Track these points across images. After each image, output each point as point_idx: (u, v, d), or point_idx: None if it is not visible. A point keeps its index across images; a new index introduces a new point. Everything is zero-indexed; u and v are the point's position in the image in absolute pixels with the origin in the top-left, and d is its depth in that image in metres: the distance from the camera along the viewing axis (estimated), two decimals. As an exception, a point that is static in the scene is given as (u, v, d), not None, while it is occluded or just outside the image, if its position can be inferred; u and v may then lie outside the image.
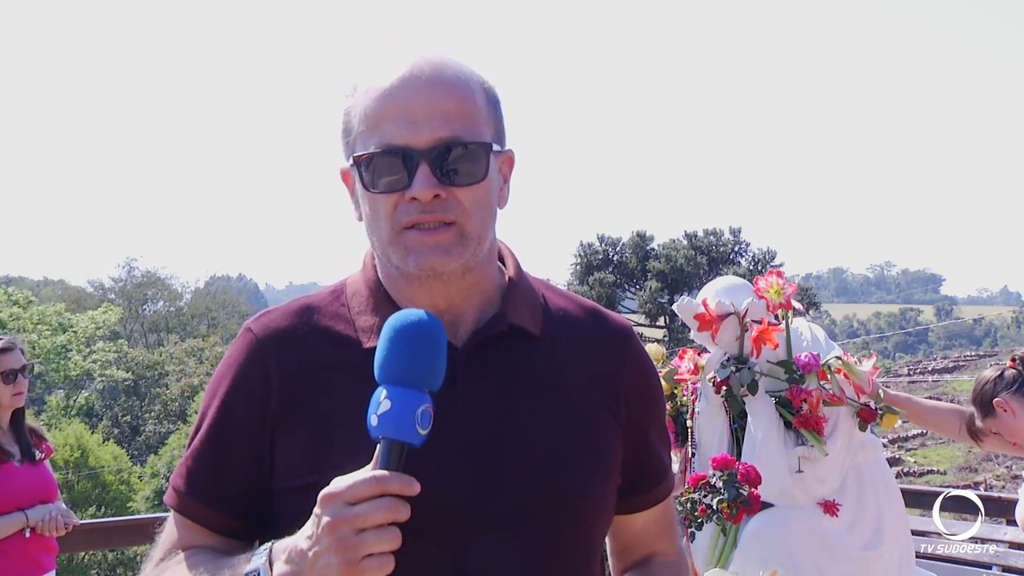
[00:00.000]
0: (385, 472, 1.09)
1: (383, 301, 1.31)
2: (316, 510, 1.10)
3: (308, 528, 1.11)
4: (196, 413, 1.38)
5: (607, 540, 1.50)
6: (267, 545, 1.17)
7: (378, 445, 1.11)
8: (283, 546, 1.14)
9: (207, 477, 1.31)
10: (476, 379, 1.26)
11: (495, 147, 1.28)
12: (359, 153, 1.25)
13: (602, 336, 1.39)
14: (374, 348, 1.18)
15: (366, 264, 1.37)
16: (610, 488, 1.34)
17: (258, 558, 1.16)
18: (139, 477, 32.59)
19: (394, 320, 1.16)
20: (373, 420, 1.12)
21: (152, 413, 39.10)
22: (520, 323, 1.32)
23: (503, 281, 1.37)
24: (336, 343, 1.30)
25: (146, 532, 1.40)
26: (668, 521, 1.51)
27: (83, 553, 22.66)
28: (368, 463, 1.12)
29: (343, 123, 1.30)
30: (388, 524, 1.08)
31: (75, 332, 35.89)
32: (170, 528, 1.35)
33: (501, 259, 1.40)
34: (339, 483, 1.09)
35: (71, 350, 35.70)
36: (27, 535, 3.76)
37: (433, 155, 1.21)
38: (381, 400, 1.12)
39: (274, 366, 1.29)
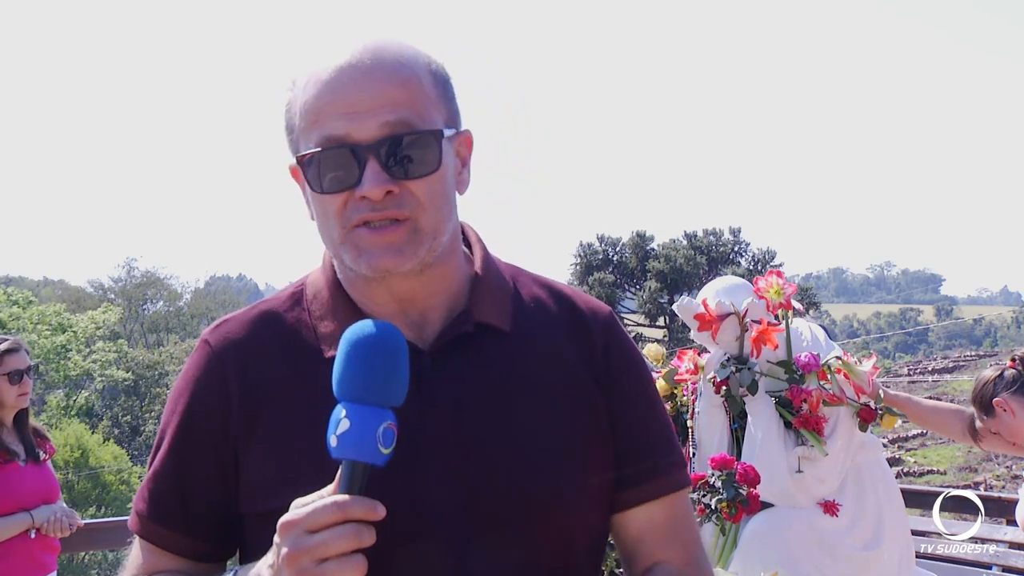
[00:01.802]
0: (346, 497, 1.02)
1: (343, 304, 1.24)
2: (276, 538, 1.04)
3: (270, 556, 1.06)
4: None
5: (616, 548, 1.44)
6: (230, 572, 1.13)
7: (340, 467, 1.05)
8: (246, 574, 1.10)
9: (170, 500, 1.25)
10: (444, 382, 1.20)
11: (447, 132, 1.19)
12: (302, 153, 1.17)
13: (578, 324, 1.30)
14: (334, 358, 1.11)
15: (325, 263, 1.29)
16: (594, 483, 1.25)
17: None
18: (139, 477, 32.54)
19: (350, 334, 1.09)
20: (333, 441, 1.05)
21: (152, 413, 39.09)
22: (487, 320, 1.24)
23: (471, 271, 1.29)
24: (297, 353, 1.23)
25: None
26: (673, 525, 1.33)
27: (83, 553, 22.69)
28: (329, 483, 1.06)
29: (285, 119, 1.22)
30: (351, 552, 1.01)
31: (75, 332, 35.87)
32: (135, 553, 1.29)
33: (467, 244, 1.32)
34: (298, 510, 1.03)
35: (71, 350, 35.68)
36: (32, 536, 3.77)
37: (381, 148, 1.13)
38: (340, 419, 1.05)
39: (234, 380, 1.22)
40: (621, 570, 1.50)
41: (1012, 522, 4.72)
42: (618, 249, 38.00)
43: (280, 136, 1.27)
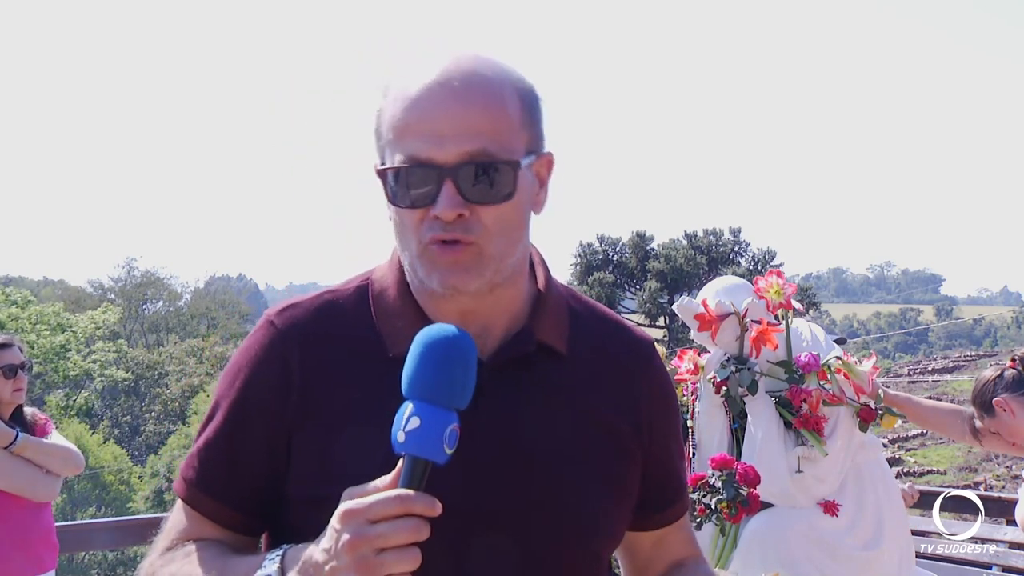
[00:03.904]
0: (410, 492, 1.06)
1: (410, 307, 1.28)
2: (335, 524, 1.06)
3: (326, 542, 1.07)
4: (196, 413, 1.35)
5: (621, 560, 1.49)
6: (278, 551, 1.15)
7: (401, 461, 1.08)
8: (296, 556, 1.11)
9: (219, 471, 1.28)
10: (500, 396, 1.24)
11: (526, 160, 1.23)
12: (384, 167, 1.22)
13: (626, 356, 1.37)
14: (397, 356, 1.15)
15: (394, 260, 1.32)
16: (624, 511, 1.33)
17: (270, 563, 1.13)
18: (139, 477, 32.60)
19: (426, 335, 1.12)
20: (400, 436, 1.08)
21: (152, 413, 39.14)
22: (548, 341, 1.29)
23: (533, 291, 1.33)
24: (360, 348, 1.26)
25: (146, 532, 1.37)
26: (687, 534, 1.50)
27: (83, 553, 22.69)
28: (381, 475, 1.09)
29: (375, 124, 1.26)
30: (409, 545, 1.04)
31: (74, 332, 35.86)
32: (178, 516, 1.31)
33: (532, 266, 1.36)
34: (362, 500, 1.06)
35: (70, 350, 35.68)
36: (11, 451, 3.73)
37: (458, 172, 1.17)
38: (409, 416, 1.08)
39: (296, 364, 1.25)
40: (620, 570, 1.52)
41: (1012, 522, 4.71)
42: (618, 249, 38.02)
43: (280, 136, 1.28)
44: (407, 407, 1.09)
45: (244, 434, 1.27)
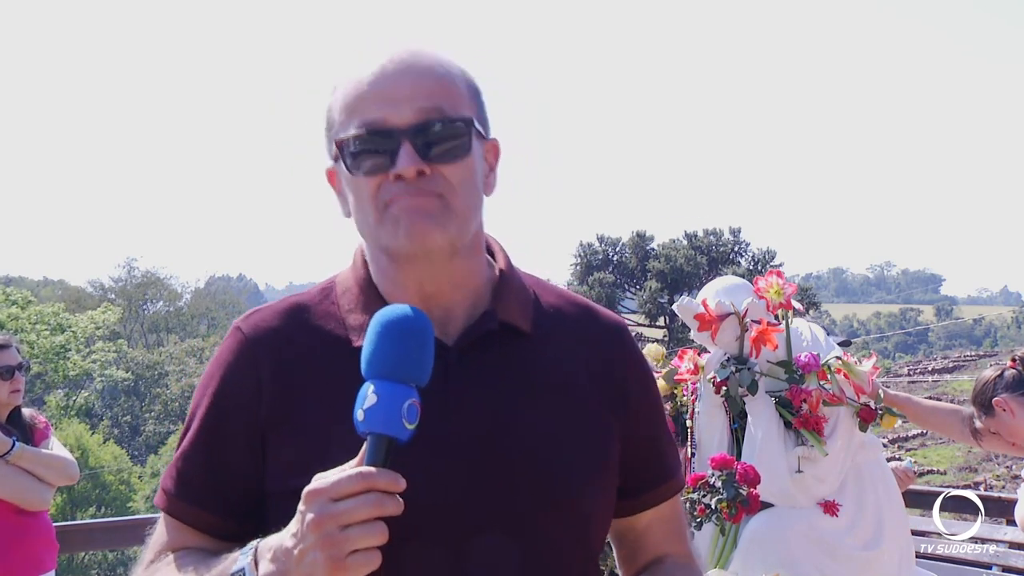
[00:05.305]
0: (371, 468, 1.07)
1: (373, 298, 1.29)
2: (300, 507, 1.08)
3: (293, 526, 1.09)
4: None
5: (613, 548, 1.49)
6: (252, 544, 1.16)
7: (365, 441, 1.10)
8: (268, 545, 1.12)
9: (198, 478, 1.30)
10: (468, 378, 1.25)
11: (478, 126, 1.27)
12: (340, 136, 1.24)
13: (596, 334, 1.37)
14: (362, 347, 1.16)
15: (356, 261, 1.35)
16: (607, 488, 1.32)
17: (244, 557, 1.14)
18: (139, 477, 32.63)
19: (380, 315, 1.15)
20: (359, 415, 1.10)
21: (152, 413, 39.17)
22: (511, 320, 1.30)
23: (493, 275, 1.35)
24: (326, 343, 1.28)
25: (146, 532, 1.39)
26: (677, 524, 1.47)
27: (83, 553, 22.70)
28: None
29: (326, 121, 1.29)
30: (374, 519, 1.06)
31: (74, 332, 35.83)
32: (160, 530, 1.34)
33: (491, 253, 1.38)
34: (324, 479, 1.07)
35: (70, 350, 35.66)
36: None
37: (415, 131, 1.20)
38: (368, 395, 1.10)
39: (265, 366, 1.28)
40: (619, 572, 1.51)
41: (1012, 522, 4.72)
42: (618, 249, 38.04)
43: (279, 136, 1.31)
44: (367, 387, 1.11)
45: (220, 439, 1.29)
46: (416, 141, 1.20)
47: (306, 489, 1.08)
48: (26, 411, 4.00)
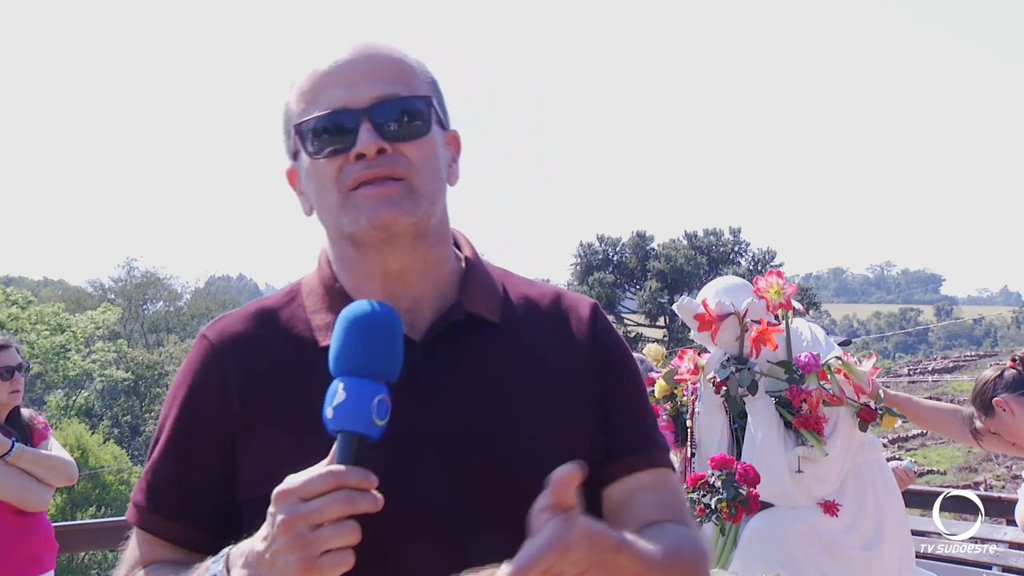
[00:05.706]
0: (341, 466, 1.05)
1: (338, 297, 1.27)
2: (271, 509, 1.06)
3: (264, 529, 1.07)
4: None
5: None
6: (224, 551, 1.14)
7: (336, 439, 1.08)
8: (240, 550, 1.11)
9: (169, 489, 1.28)
10: (437, 372, 1.23)
11: (437, 110, 1.27)
12: (299, 121, 1.24)
13: (563, 315, 1.35)
14: (329, 346, 1.14)
15: (321, 263, 1.34)
16: (589, 470, 1.24)
17: (215, 564, 1.13)
18: (139, 477, 32.53)
19: (346, 311, 1.13)
20: (328, 412, 1.08)
21: (152, 413, 39.07)
22: (478, 311, 1.28)
23: (459, 267, 1.33)
24: (294, 345, 1.27)
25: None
26: (666, 497, 1.32)
27: (83, 553, 22.69)
28: None
29: (283, 118, 1.29)
30: (345, 518, 1.03)
31: (74, 332, 35.81)
32: (132, 545, 1.32)
33: (457, 246, 1.36)
34: (293, 480, 1.05)
35: (70, 350, 35.63)
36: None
37: (373, 111, 1.20)
38: (337, 392, 1.08)
39: (232, 373, 1.26)
40: None
41: (1012, 522, 4.72)
42: (618, 249, 38.06)
43: (280, 136, 1.29)
44: (335, 384, 1.10)
45: (190, 450, 1.27)
46: (375, 120, 1.20)
47: (276, 490, 1.06)
48: (25, 412, 3.99)
